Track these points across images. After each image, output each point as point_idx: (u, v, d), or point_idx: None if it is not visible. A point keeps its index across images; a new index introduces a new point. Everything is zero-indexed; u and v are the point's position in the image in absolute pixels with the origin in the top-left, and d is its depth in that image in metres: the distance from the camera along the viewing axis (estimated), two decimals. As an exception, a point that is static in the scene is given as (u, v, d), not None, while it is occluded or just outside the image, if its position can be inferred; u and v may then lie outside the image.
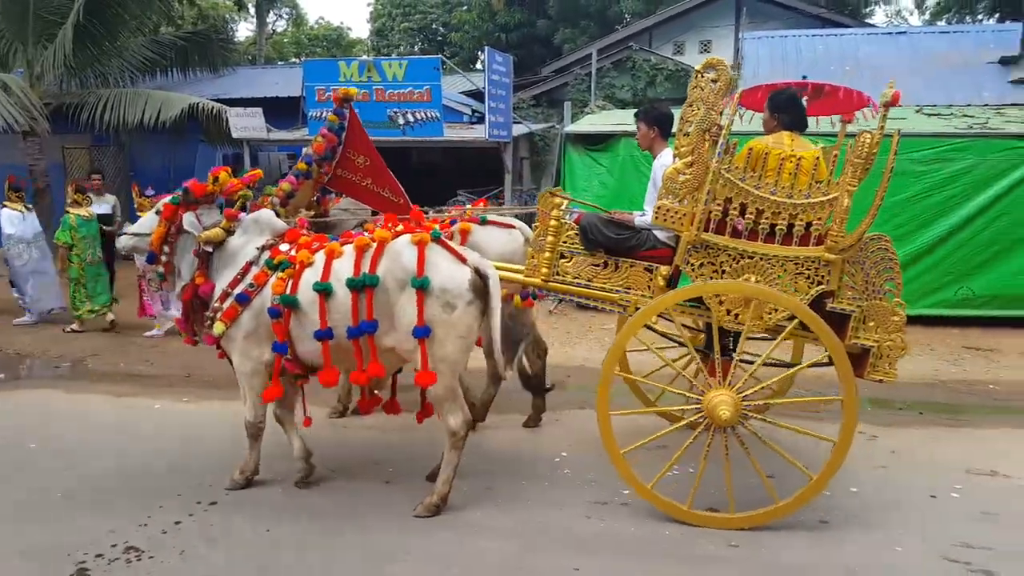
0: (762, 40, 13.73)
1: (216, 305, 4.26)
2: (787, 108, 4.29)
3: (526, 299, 4.91)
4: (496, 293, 3.95)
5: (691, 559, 3.78)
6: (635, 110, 4.98)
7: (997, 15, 17.47)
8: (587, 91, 14.26)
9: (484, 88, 10.12)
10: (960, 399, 6.55)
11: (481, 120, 10.67)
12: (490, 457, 4.97)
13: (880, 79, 11.99)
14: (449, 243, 4.13)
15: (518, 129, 11.95)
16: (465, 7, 23.79)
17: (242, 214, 4.45)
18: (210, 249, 4.34)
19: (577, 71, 15.05)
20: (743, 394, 3.98)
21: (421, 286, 3.86)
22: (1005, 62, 11.60)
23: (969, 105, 10.59)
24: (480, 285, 3.98)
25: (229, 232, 4.37)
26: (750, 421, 4.23)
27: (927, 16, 22.18)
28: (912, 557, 3.81)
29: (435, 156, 14.60)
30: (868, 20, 22.51)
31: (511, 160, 11.08)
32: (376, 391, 4.74)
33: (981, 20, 19.01)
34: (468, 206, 5.59)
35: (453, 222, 4.96)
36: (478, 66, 19.50)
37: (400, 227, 4.28)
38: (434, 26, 26.44)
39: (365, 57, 15.41)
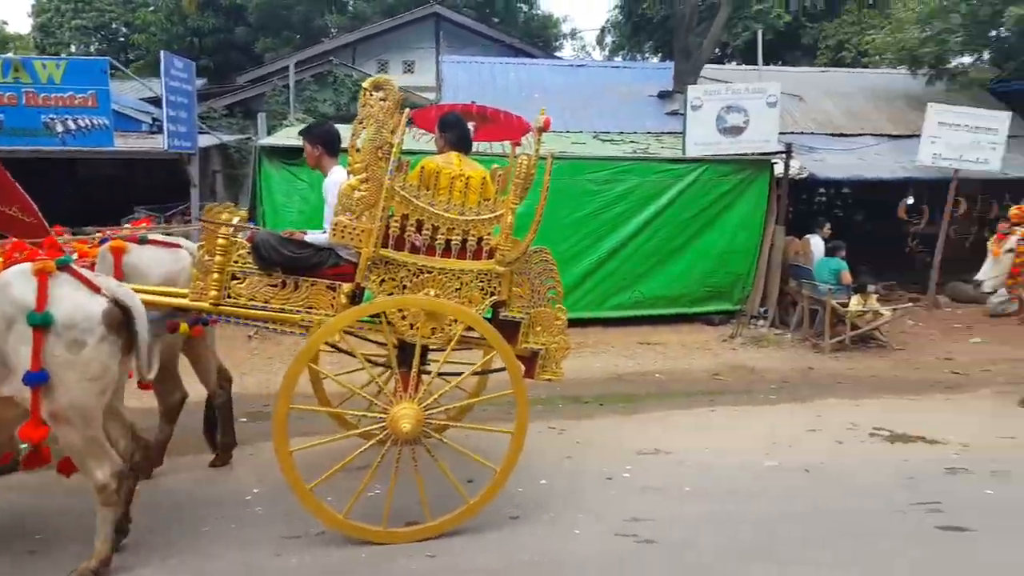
0: (461, 64, 14.41)
1: None
2: (452, 128, 4.49)
3: (195, 326, 4.48)
4: (142, 326, 3.52)
5: (387, 579, 3.72)
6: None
7: (660, 55, 20.32)
8: (287, 103, 13.76)
9: (162, 95, 9.24)
10: (634, 389, 7.38)
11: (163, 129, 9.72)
12: (166, 505, 4.45)
13: (565, 106, 13.24)
14: (80, 270, 3.59)
15: (207, 140, 11.11)
16: (151, 7, 21.69)
17: None
18: None
19: (275, 82, 14.47)
20: (425, 404, 4.04)
21: (41, 323, 3.30)
22: (662, 96, 13.44)
23: (635, 132, 12.11)
24: (118, 317, 3.50)
25: None
26: (443, 430, 4.32)
27: (607, 52, 25.06)
28: (589, 538, 4.15)
29: (108, 168, 13.01)
30: (559, 52, 24.89)
31: (198, 173, 10.24)
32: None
33: (647, 59, 21.96)
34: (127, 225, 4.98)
35: (103, 241, 4.36)
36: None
37: (25, 253, 3.63)
38: (114, 25, 23.73)
39: (11, 55, 13.26)
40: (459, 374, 4.47)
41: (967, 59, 14.54)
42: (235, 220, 4.11)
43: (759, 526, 4.34)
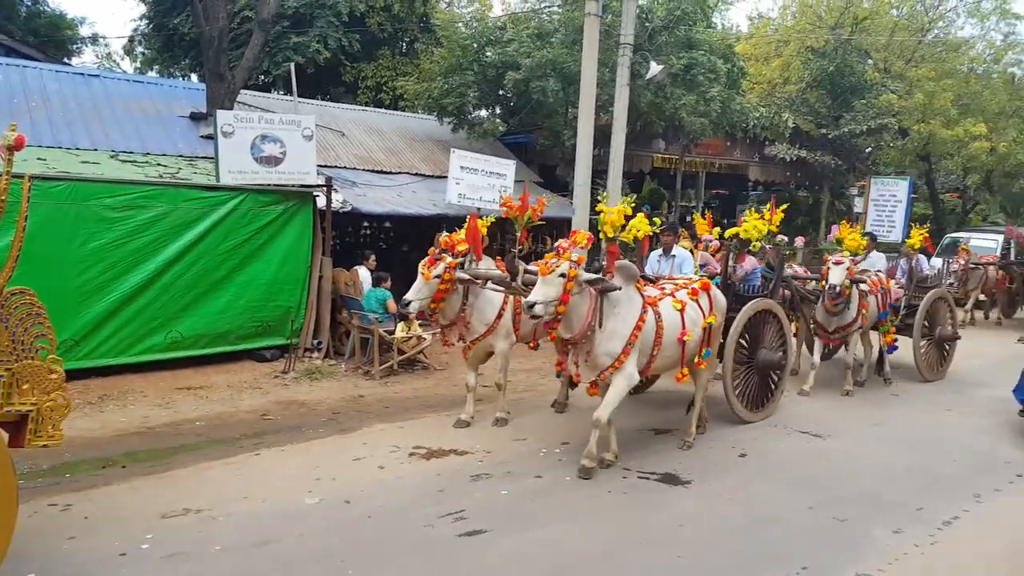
0: (-80, 58, 11.49)
1: None
2: None
3: None
4: None
5: None
6: None
7: (198, 73, 19.09)
8: None
9: None
10: (168, 442, 6.55)
11: None
12: None
13: (75, 120, 11.50)
14: None
15: None
16: None
17: None
18: None
19: None
20: None
21: None
22: (196, 117, 12.54)
23: (165, 155, 11.07)
24: None
25: None
26: None
27: (138, 64, 22.78)
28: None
29: None
30: (78, 59, 21.81)
31: None
32: None
33: (187, 76, 20.51)
34: None
35: None
36: None
37: None
38: None
39: None
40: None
41: (484, 112, 16.80)
42: None
43: (290, 571, 4.13)
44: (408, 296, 6.76)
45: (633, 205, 6.61)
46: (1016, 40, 22.55)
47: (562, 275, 5.50)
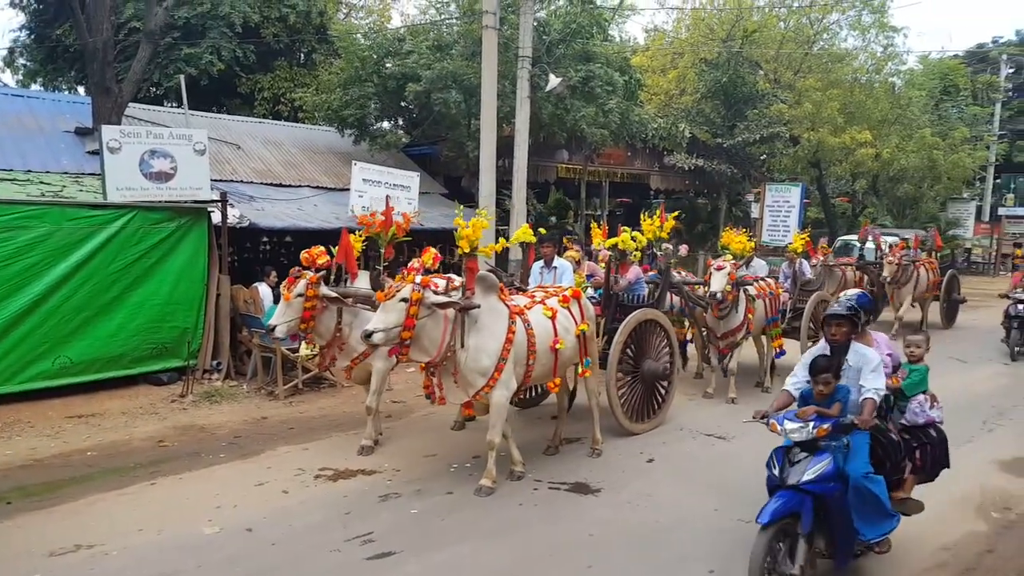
0: None
1: None
2: None
3: None
4: None
5: None
6: None
7: (85, 86, 18.10)
8: None
9: None
10: (56, 475, 6.19)
11: None
12: None
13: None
14: None
15: None
16: None
17: None
18: None
19: None
20: None
21: None
22: (81, 133, 11.91)
23: (48, 172, 10.47)
24: None
25: None
26: None
27: (20, 77, 21.43)
28: None
29: None
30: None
31: None
32: None
33: (74, 89, 19.40)
34: None
35: None
36: None
37: None
38: None
39: None
40: None
41: (387, 124, 16.65)
42: None
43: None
44: (272, 320, 6.44)
45: (490, 219, 6.50)
46: (895, 51, 23.96)
47: (404, 300, 5.26)
